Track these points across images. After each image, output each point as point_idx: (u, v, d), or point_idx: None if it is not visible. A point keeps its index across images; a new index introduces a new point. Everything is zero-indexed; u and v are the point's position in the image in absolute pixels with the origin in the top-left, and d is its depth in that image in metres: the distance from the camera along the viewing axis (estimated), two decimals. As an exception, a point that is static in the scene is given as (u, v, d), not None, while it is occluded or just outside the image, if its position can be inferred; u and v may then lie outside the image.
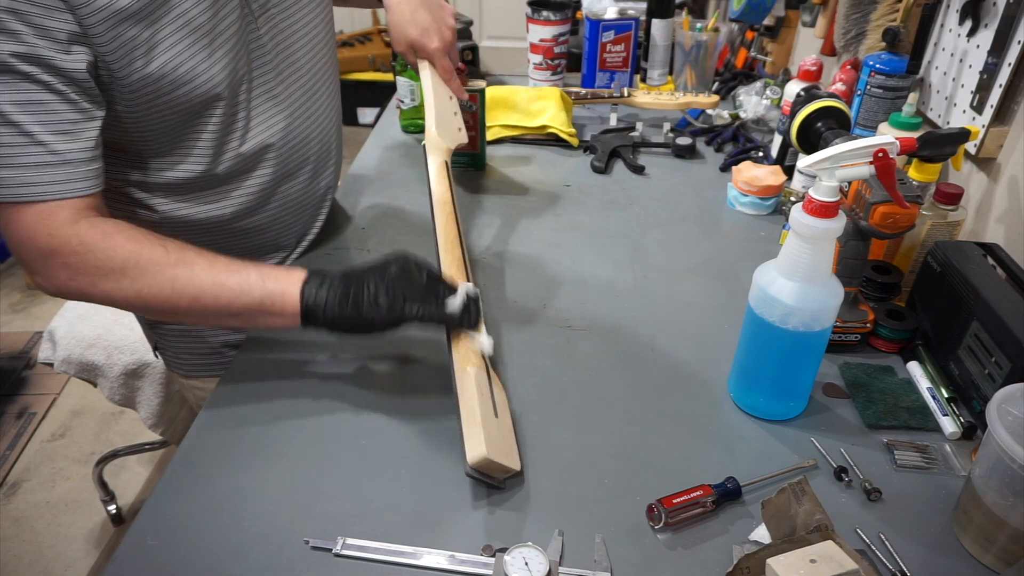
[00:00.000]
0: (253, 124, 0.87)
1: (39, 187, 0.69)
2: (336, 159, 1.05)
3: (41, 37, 0.65)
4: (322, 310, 0.72)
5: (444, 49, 1.03)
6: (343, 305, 0.72)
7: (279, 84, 0.88)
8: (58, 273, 0.72)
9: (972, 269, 0.80)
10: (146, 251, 0.72)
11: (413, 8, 1.02)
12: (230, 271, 0.74)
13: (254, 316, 0.74)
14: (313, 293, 0.72)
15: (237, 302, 0.73)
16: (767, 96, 1.42)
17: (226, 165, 0.86)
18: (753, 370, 0.78)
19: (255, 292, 0.73)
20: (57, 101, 0.68)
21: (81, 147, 0.70)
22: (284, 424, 0.76)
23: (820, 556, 0.54)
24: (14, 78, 0.65)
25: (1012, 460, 0.58)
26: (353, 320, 0.72)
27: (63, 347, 1.48)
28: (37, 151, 0.68)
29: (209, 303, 0.73)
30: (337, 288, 0.73)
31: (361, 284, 0.72)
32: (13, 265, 2.63)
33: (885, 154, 0.73)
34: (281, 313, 0.73)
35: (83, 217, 0.72)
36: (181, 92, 0.76)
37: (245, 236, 0.94)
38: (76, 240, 0.71)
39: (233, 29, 0.80)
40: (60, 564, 1.64)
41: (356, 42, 3.50)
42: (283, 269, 0.76)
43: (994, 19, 0.93)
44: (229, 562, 0.63)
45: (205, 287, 0.73)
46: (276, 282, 0.73)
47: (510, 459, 0.69)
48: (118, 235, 0.72)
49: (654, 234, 1.12)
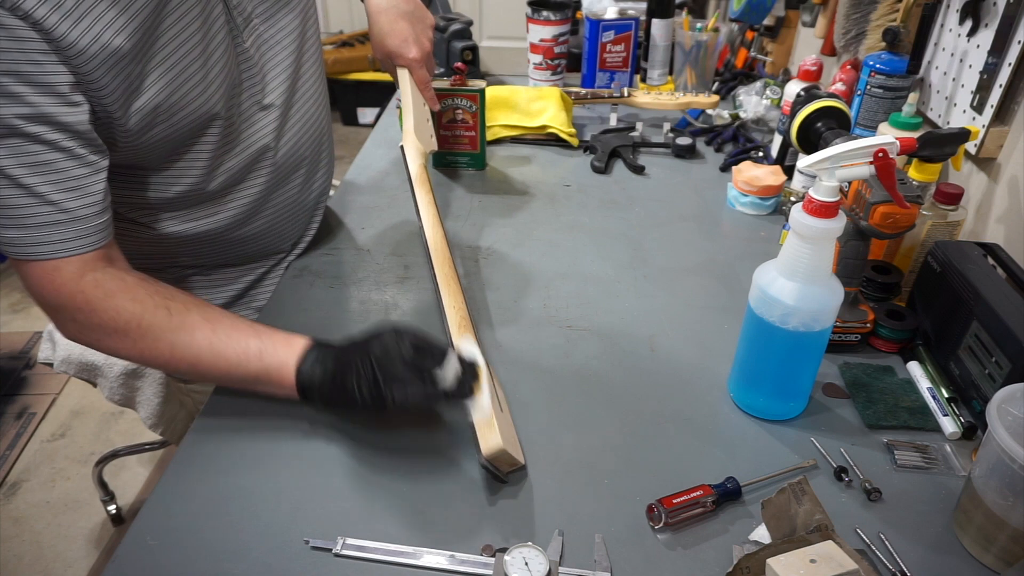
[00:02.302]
0: (244, 135, 0.86)
1: (48, 246, 0.69)
2: (328, 162, 1.05)
3: (43, 94, 0.64)
4: (316, 391, 0.70)
5: (422, 60, 1.06)
6: (332, 389, 0.69)
7: (267, 93, 0.88)
8: (68, 325, 0.74)
9: (972, 269, 0.80)
10: (148, 314, 0.72)
11: (393, 19, 1.05)
12: (230, 339, 0.72)
13: (252, 385, 0.74)
14: (307, 372, 0.70)
15: (234, 372, 0.72)
16: (767, 96, 1.42)
17: (220, 179, 0.86)
18: (753, 370, 0.78)
19: (252, 366, 0.72)
20: (64, 159, 0.68)
21: (91, 202, 0.70)
22: (284, 424, 0.76)
23: (820, 556, 0.54)
24: (22, 141, 0.65)
25: (1012, 460, 0.58)
26: (343, 404, 0.70)
27: (63, 347, 1.47)
28: (47, 211, 0.68)
29: (206, 370, 0.73)
30: (329, 369, 0.70)
31: (348, 366, 0.68)
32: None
33: (885, 154, 0.73)
34: (279, 386, 0.72)
35: (89, 271, 0.71)
36: (178, 117, 0.76)
37: (240, 244, 0.94)
38: (81, 298, 0.71)
39: (223, 48, 0.80)
40: (60, 564, 1.64)
41: (356, 42, 3.50)
42: (283, 339, 0.73)
43: (994, 19, 0.93)
44: (229, 562, 0.63)
45: (203, 356, 0.72)
46: (274, 356, 0.72)
47: (517, 453, 0.70)
48: (121, 295, 0.72)
49: (654, 234, 1.12)
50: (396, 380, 0.66)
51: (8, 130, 0.64)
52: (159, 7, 0.71)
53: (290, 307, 0.94)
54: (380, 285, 0.98)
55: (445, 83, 1.20)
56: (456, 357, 0.68)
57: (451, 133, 1.25)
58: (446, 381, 0.67)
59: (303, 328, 0.88)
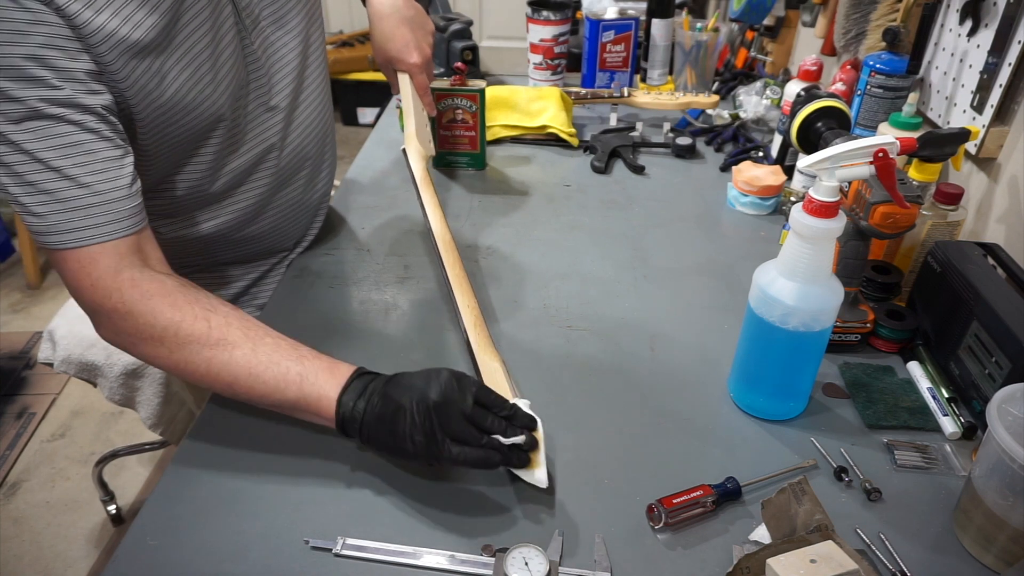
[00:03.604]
0: (249, 136, 0.87)
1: (83, 231, 0.67)
2: (330, 162, 1.05)
3: (65, 80, 0.64)
4: (358, 427, 0.66)
5: (422, 65, 1.07)
6: (379, 429, 0.65)
7: (273, 94, 0.88)
8: (105, 328, 0.72)
9: (972, 269, 0.80)
10: (187, 323, 0.68)
11: (396, 24, 1.05)
12: (271, 361, 0.68)
13: (290, 411, 0.70)
14: (351, 406, 0.66)
15: (271, 397, 0.68)
16: (767, 96, 1.42)
17: (224, 180, 0.86)
18: (753, 370, 0.78)
19: (291, 392, 0.68)
20: (93, 140, 0.67)
21: (122, 184, 0.69)
22: (284, 424, 0.76)
23: (820, 556, 0.54)
24: (47, 123, 0.64)
25: (1012, 460, 0.58)
26: (390, 448, 0.66)
27: (63, 347, 1.47)
28: (80, 193, 0.66)
29: (242, 391, 0.69)
30: (376, 406, 0.66)
31: (400, 411, 0.64)
32: (13, 265, 2.63)
33: (885, 154, 0.73)
34: (317, 415, 0.68)
35: (126, 267, 0.69)
36: (189, 118, 0.77)
37: (244, 244, 0.95)
38: (118, 297, 0.68)
39: (232, 48, 0.80)
40: (60, 564, 1.64)
41: (356, 42, 3.50)
42: (327, 365, 0.69)
43: (994, 19, 0.93)
44: (229, 562, 0.63)
45: (240, 377, 0.68)
46: (314, 385, 0.67)
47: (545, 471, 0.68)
48: (160, 299, 0.69)
49: (654, 234, 1.12)
50: (454, 436, 0.63)
51: (33, 112, 0.64)
52: (177, 3, 0.72)
53: (290, 307, 0.94)
54: (380, 285, 0.98)
55: (445, 83, 1.20)
56: (522, 428, 0.65)
57: (451, 133, 1.25)
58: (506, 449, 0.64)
59: (303, 328, 0.88)
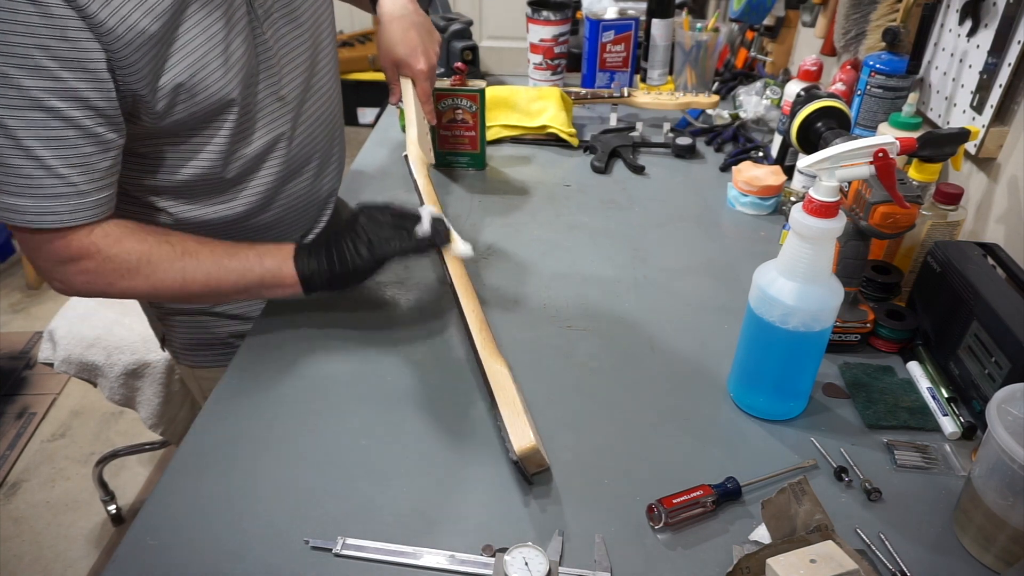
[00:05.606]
0: (260, 124, 0.88)
1: (55, 215, 0.72)
2: (339, 156, 1.06)
3: (72, 70, 0.67)
4: (317, 275, 0.80)
5: (427, 72, 1.07)
6: (332, 266, 0.80)
7: (283, 84, 0.90)
8: (76, 278, 0.78)
9: (972, 269, 0.80)
10: (155, 249, 0.78)
11: (406, 27, 1.05)
12: (229, 254, 0.81)
13: (259, 290, 0.83)
14: (305, 263, 0.81)
15: (242, 281, 0.81)
16: (767, 96, 1.42)
17: (235, 165, 0.88)
18: (753, 370, 0.78)
19: (255, 270, 0.81)
20: (79, 136, 0.70)
21: (97, 178, 0.74)
22: (284, 424, 0.76)
23: (820, 556, 0.54)
24: (44, 115, 0.67)
25: (1012, 460, 0.58)
26: (345, 275, 0.80)
27: (63, 347, 1.48)
28: (55, 183, 0.71)
29: (216, 286, 0.81)
30: (322, 254, 0.81)
31: (341, 243, 0.80)
32: (13, 265, 2.63)
33: (885, 154, 0.73)
34: (282, 284, 0.82)
35: (97, 226, 0.76)
36: (198, 99, 0.78)
37: (253, 233, 0.96)
38: (93, 248, 0.76)
39: (243, 36, 0.82)
40: (60, 564, 1.64)
41: (356, 42, 3.50)
42: (273, 245, 0.83)
43: (994, 19, 0.93)
44: (229, 562, 0.63)
45: (211, 272, 0.80)
46: (272, 259, 0.81)
47: (543, 455, 0.69)
48: (128, 238, 0.78)
49: (654, 234, 1.12)
50: (386, 238, 0.80)
51: (32, 103, 0.66)
52: None
53: (292, 303, 0.94)
54: (380, 284, 0.98)
55: (445, 83, 1.20)
56: (428, 214, 0.82)
57: (451, 133, 1.25)
58: (423, 230, 0.81)
59: (303, 326, 0.89)
